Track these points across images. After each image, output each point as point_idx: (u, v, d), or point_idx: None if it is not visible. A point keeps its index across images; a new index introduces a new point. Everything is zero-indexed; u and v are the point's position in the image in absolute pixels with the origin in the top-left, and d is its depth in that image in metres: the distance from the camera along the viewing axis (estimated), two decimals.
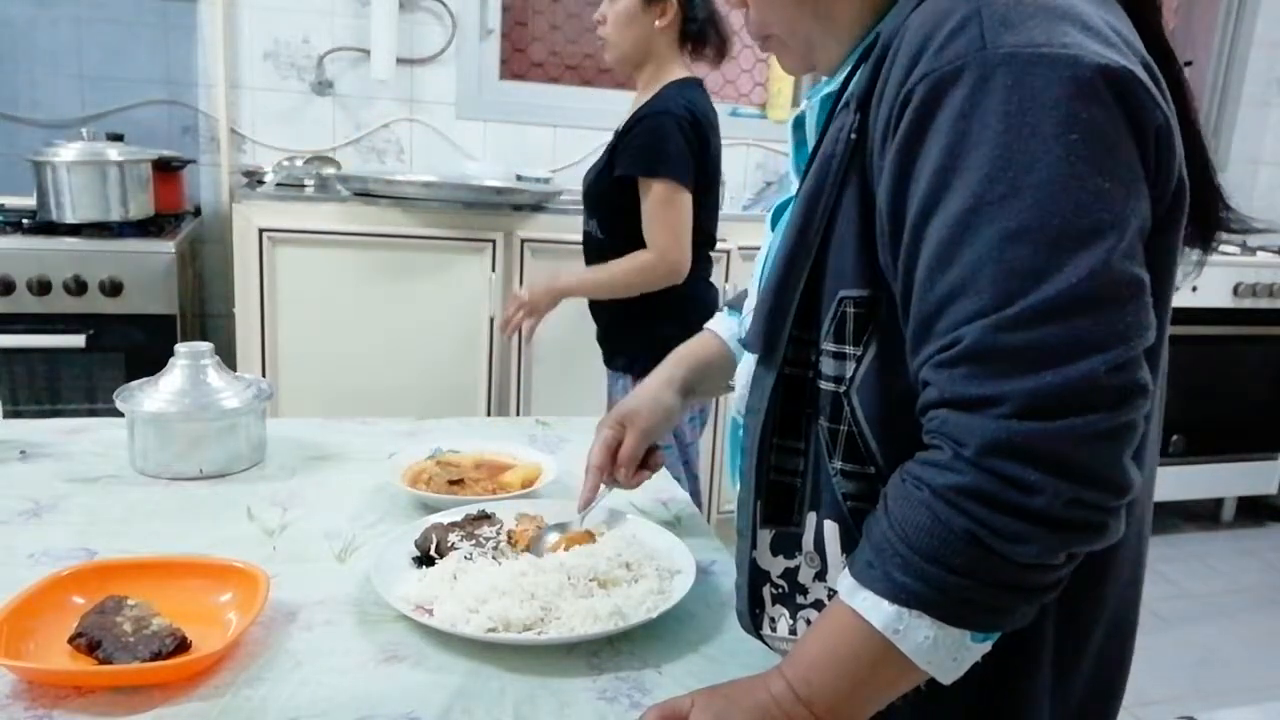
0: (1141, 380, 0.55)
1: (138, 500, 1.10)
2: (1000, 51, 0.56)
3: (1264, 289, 3.24)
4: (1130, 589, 0.74)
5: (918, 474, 0.59)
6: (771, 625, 0.75)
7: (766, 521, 0.73)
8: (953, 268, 0.57)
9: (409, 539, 0.97)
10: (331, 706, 0.73)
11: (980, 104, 0.57)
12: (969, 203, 0.57)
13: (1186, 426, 3.28)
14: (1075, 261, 0.54)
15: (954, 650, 0.60)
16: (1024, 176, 0.55)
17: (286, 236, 2.34)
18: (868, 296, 0.65)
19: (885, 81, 0.63)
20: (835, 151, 0.67)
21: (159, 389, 1.18)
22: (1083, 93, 0.56)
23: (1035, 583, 0.58)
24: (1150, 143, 0.59)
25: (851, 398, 0.67)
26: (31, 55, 2.64)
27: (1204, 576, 3.10)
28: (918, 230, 0.60)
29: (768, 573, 0.75)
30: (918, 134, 0.59)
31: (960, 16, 0.58)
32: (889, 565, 0.59)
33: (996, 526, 0.55)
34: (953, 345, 0.57)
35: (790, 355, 0.70)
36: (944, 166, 0.58)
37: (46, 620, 0.80)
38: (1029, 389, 0.54)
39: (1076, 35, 0.57)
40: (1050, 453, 0.54)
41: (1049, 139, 0.55)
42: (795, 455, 0.71)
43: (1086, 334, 0.54)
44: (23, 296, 2.14)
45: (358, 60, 2.84)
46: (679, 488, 1.24)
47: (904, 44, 0.61)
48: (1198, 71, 3.84)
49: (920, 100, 0.59)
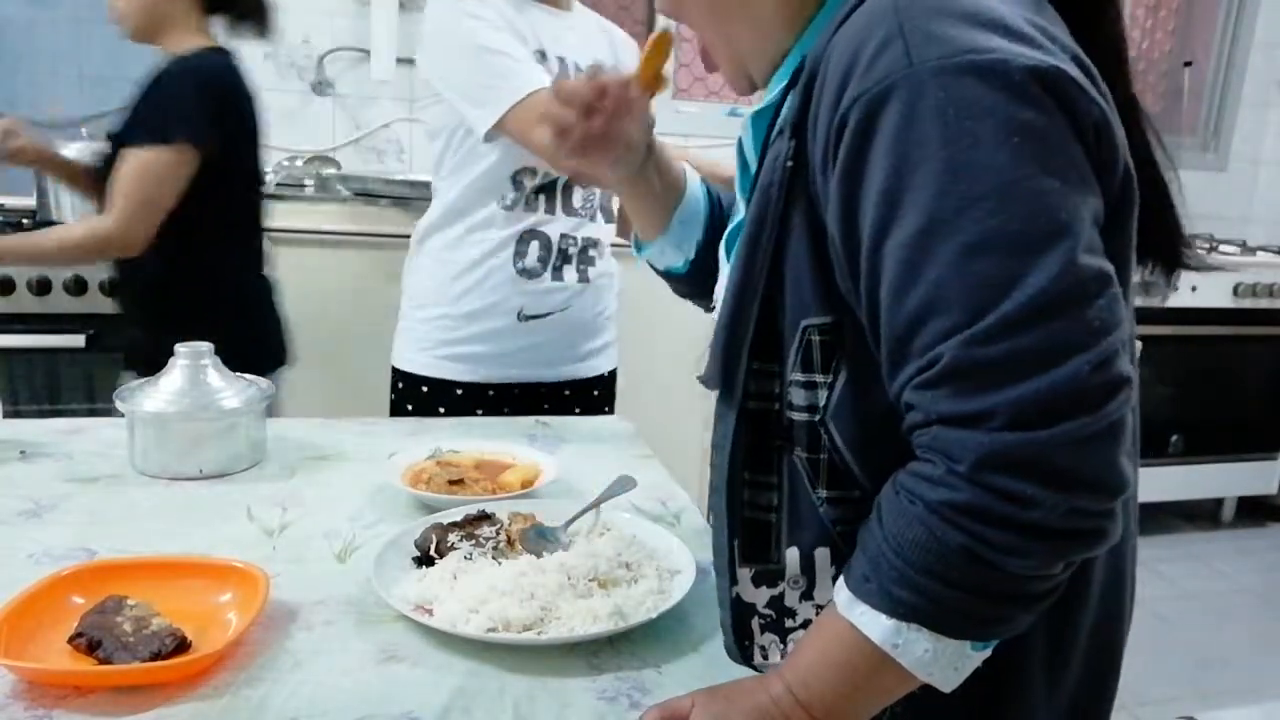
0: (1125, 373, 0.55)
1: (138, 500, 1.10)
2: (928, 65, 0.56)
3: (1264, 289, 3.25)
4: (1115, 575, 0.73)
5: (911, 488, 0.58)
6: (763, 654, 0.74)
7: (745, 560, 0.72)
8: (918, 287, 0.57)
9: (409, 539, 0.97)
10: (331, 706, 0.73)
11: (916, 120, 0.56)
12: (923, 221, 0.56)
13: (1186, 426, 3.28)
14: (1040, 265, 0.54)
15: (954, 660, 0.60)
16: (973, 187, 0.55)
17: (286, 236, 2.34)
18: (831, 323, 0.65)
19: (818, 106, 0.62)
20: (774, 180, 0.66)
21: (159, 389, 1.18)
22: (1016, 95, 0.55)
23: (1033, 591, 0.58)
24: (1090, 136, 0.59)
25: (828, 425, 0.66)
26: (31, 55, 2.64)
27: (1204, 576, 3.10)
28: (874, 254, 0.59)
29: (753, 605, 0.73)
30: (858, 158, 0.59)
31: (883, 35, 0.58)
32: (885, 580, 0.59)
33: (993, 541, 0.55)
34: (931, 365, 0.56)
35: (752, 389, 0.69)
36: (890, 188, 0.57)
37: (46, 620, 0.79)
38: (1015, 399, 0.53)
39: (999, 40, 0.57)
40: (1045, 463, 0.53)
41: (991, 146, 0.55)
42: (768, 490, 0.70)
43: (1063, 336, 0.54)
44: (23, 296, 2.14)
45: (358, 60, 2.84)
46: (679, 488, 1.24)
47: (830, 67, 0.61)
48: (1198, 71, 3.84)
49: (855, 124, 0.58)
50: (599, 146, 0.85)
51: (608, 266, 1.67)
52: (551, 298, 1.58)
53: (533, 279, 1.56)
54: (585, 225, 1.60)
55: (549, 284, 1.57)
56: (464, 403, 1.60)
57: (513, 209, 1.54)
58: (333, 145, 2.87)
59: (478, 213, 1.55)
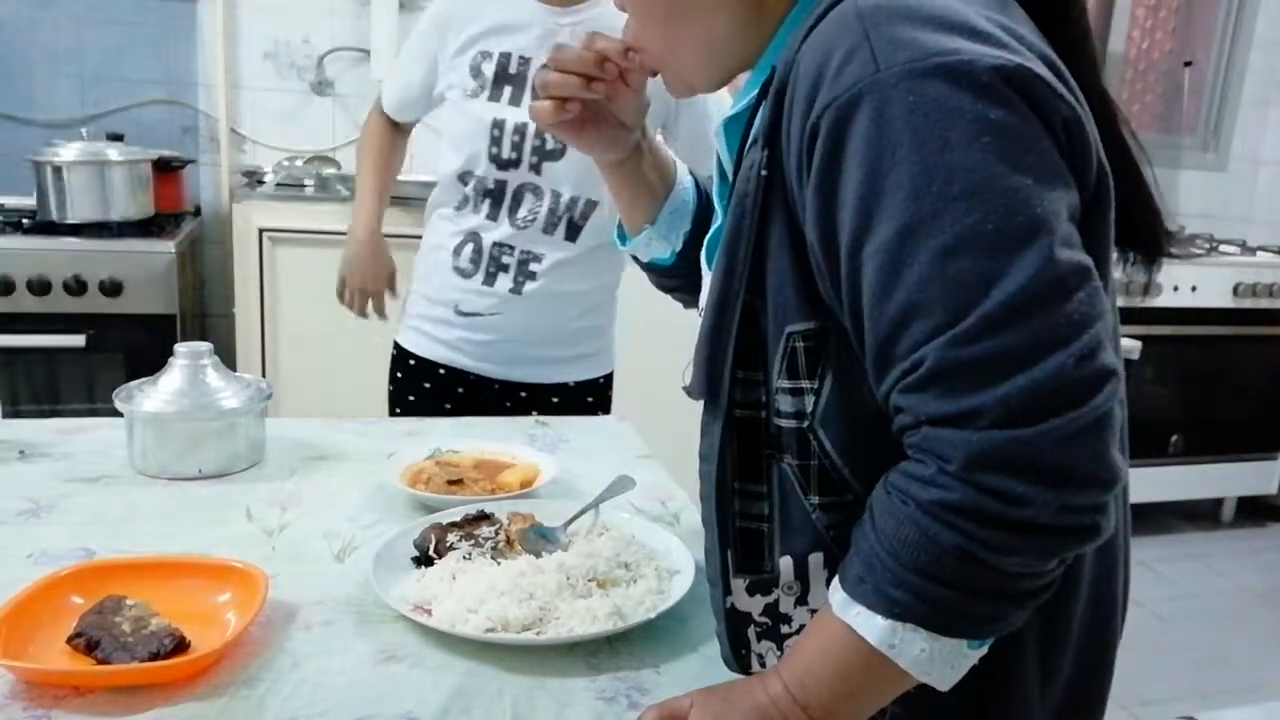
0: (1110, 364, 0.55)
1: (137, 500, 1.10)
2: (895, 70, 0.56)
3: (1264, 289, 3.24)
4: (1107, 568, 0.73)
5: (903, 488, 0.58)
6: (760, 662, 0.74)
7: (740, 571, 0.72)
8: (898, 291, 0.57)
9: (408, 539, 0.97)
10: (330, 706, 0.73)
11: (887, 126, 0.56)
12: (899, 225, 0.56)
13: (1186, 426, 3.28)
14: (1018, 262, 0.54)
15: (951, 659, 0.60)
16: (947, 189, 0.55)
17: (286, 236, 2.34)
18: (815, 328, 0.65)
19: (789, 115, 0.63)
20: (749, 190, 0.66)
21: (158, 389, 1.18)
22: (985, 95, 0.56)
23: (1027, 589, 0.58)
24: (1060, 135, 0.59)
25: (817, 431, 0.66)
26: (31, 55, 2.64)
27: (1204, 576, 3.10)
28: (853, 260, 0.59)
29: (748, 614, 0.73)
30: (832, 165, 0.59)
31: (850, 42, 0.58)
32: (880, 580, 0.59)
33: (986, 540, 0.55)
34: (916, 368, 0.56)
35: (738, 397, 0.69)
36: (865, 194, 0.58)
37: (45, 620, 0.80)
38: (1002, 397, 0.53)
39: (964, 42, 0.57)
40: (1036, 460, 0.54)
41: (963, 147, 0.55)
42: (759, 499, 0.70)
43: (1046, 331, 0.54)
44: (23, 296, 2.14)
45: (358, 60, 2.84)
46: (678, 488, 1.24)
47: (800, 76, 0.61)
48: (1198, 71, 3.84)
49: (827, 132, 0.59)
50: (594, 121, 0.84)
51: (560, 285, 1.60)
52: (482, 300, 1.60)
53: (466, 278, 1.60)
54: (530, 238, 1.56)
55: (479, 286, 1.60)
56: (422, 376, 1.68)
57: (460, 209, 1.60)
58: (333, 145, 2.87)
59: (443, 204, 1.64)
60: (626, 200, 0.95)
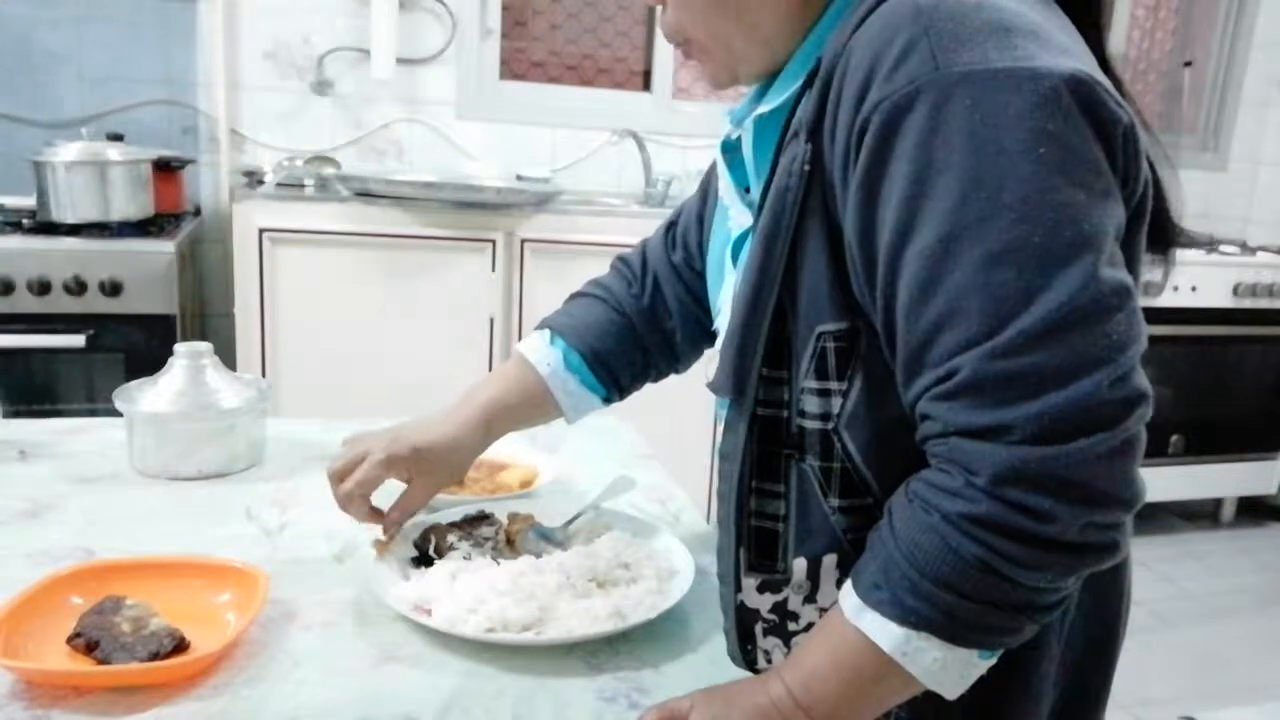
0: (1143, 388, 0.55)
1: (136, 500, 1.10)
2: (955, 71, 0.55)
3: (1264, 289, 3.24)
4: (1111, 571, 0.73)
5: (926, 497, 0.58)
6: (766, 658, 0.74)
7: (751, 570, 0.72)
8: (937, 297, 0.56)
9: (408, 539, 0.97)
10: (330, 707, 0.73)
11: (941, 127, 0.55)
12: (944, 229, 0.55)
13: (1186, 426, 3.28)
14: (1061, 278, 0.53)
15: (962, 669, 0.60)
16: (997, 197, 0.54)
17: (286, 236, 2.34)
18: (847, 329, 0.64)
19: (836, 109, 0.61)
20: (789, 184, 0.65)
21: (158, 389, 1.18)
22: (1045, 105, 0.54)
23: (1044, 603, 0.58)
24: (1118, 144, 0.58)
25: (841, 433, 0.65)
26: (31, 55, 2.64)
27: (1204, 576, 3.10)
28: (893, 261, 0.58)
29: (757, 611, 0.73)
30: (880, 163, 0.58)
31: (907, 37, 0.57)
32: (897, 588, 0.58)
33: (1010, 554, 0.55)
34: (949, 376, 0.56)
35: (762, 395, 0.68)
36: (912, 194, 0.57)
37: (45, 620, 0.79)
38: (1035, 413, 0.53)
39: (1030, 47, 0.56)
40: (1064, 478, 0.53)
41: (1017, 156, 0.54)
42: (775, 499, 0.70)
43: (1084, 350, 0.53)
44: (22, 296, 2.14)
45: (358, 60, 2.84)
46: (678, 488, 1.24)
47: (850, 69, 0.60)
48: (1198, 71, 3.84)
49: (878, 128, 0.57)
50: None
51: None
52: None
53: None
54: None
55: None
56: None
57: None
58: (333, 145, 2.87)
59: None
60: (529, 425, 1.01)
